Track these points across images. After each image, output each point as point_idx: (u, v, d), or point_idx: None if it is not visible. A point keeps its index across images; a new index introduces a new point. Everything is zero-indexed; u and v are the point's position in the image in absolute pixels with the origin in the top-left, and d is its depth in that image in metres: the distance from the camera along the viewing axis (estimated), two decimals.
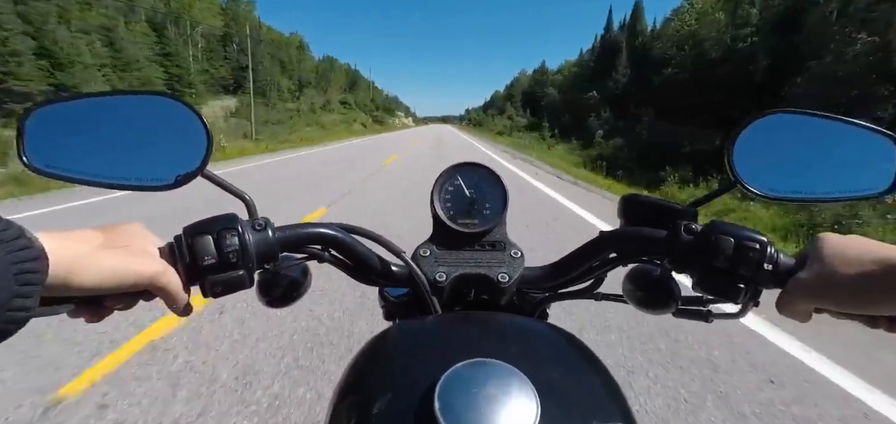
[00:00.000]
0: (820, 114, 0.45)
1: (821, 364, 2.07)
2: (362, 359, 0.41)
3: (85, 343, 2.10)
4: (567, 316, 2.40)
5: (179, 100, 0.44)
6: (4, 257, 0.25)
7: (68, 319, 0.36)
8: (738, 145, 0.45)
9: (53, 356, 1.99)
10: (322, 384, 1.86)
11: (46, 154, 0.40)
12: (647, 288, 0.51)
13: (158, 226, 0.37)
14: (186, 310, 0.40)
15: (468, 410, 0.29)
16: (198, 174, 0.45)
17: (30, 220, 4.19)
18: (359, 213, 5.30)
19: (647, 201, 0.52)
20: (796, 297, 0.38)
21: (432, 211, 0.56)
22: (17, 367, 1.90)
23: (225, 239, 0.40)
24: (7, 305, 0.25)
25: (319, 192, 6.89)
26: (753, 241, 0.40)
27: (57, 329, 2.14)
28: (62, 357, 1.99)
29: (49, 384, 1.81)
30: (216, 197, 0.62)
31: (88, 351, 2.05)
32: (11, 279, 0.25)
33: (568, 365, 0.39)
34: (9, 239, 0.26)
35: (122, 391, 1.79)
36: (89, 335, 2.12)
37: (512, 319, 0.49)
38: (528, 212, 5.53)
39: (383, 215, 5.17)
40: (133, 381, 1.85)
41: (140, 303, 0.38)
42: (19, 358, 1.95)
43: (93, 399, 1.73)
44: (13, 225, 0.27)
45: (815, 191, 0.46)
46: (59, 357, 1.99)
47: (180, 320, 2.26)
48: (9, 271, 0.25)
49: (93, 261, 0.32)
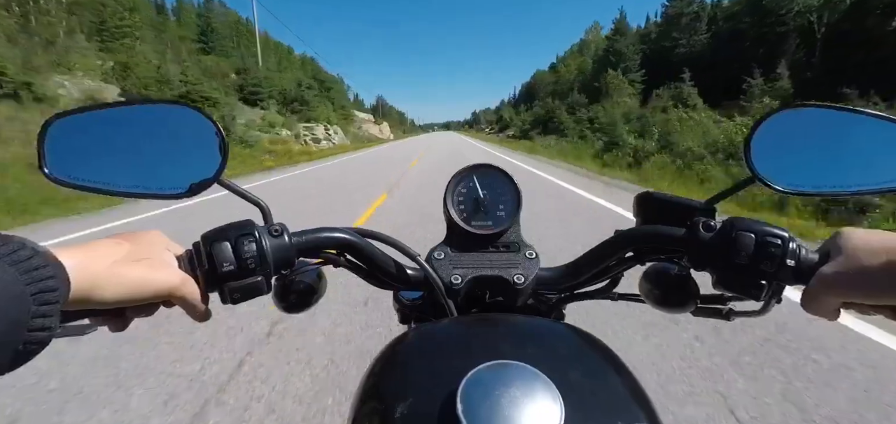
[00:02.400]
0: (838, 106, 0.45)
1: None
2: (381, 364, 0.41)
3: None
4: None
5: (195, 108, 0.44)
6: (20, 278, 0.25)
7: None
8: (755, 140, 0.45)
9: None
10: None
11: (66, 164, 0.41)
12: (665, 287, 0.50)
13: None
14: (205, 316, 0.40)
15: (492, 413, 0.29)
16: (213, 182, 0.45)
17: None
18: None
19: (664, 198, 0.51)
20: (823, 292, 0.37)
21: (445, 213, 0.55)
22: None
23: (243, 245, 0.40)
24: (27, 326, 0.25)
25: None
26: (775, 237, 0.39)
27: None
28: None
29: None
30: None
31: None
32: (30, 300, 0.25)
33: (590, 366, 0.38)
34: (23, 259, 0.26)
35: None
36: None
37: (530, 320, 0.48)
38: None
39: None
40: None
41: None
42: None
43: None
44: (28, 245, 0.27)
45: (835, 184, 0.46)
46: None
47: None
48: (26, 292, 0.25)
49: (114, 276, 0.33)
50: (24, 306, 0.25)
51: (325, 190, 8.54)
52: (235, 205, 0.48)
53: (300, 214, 5.94)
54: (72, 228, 5.41)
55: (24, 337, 0.25)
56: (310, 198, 7.60)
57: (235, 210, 0.48)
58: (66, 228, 5.40)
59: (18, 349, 0.25)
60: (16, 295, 0.25)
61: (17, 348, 0.25)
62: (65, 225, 5.60)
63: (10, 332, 0.24)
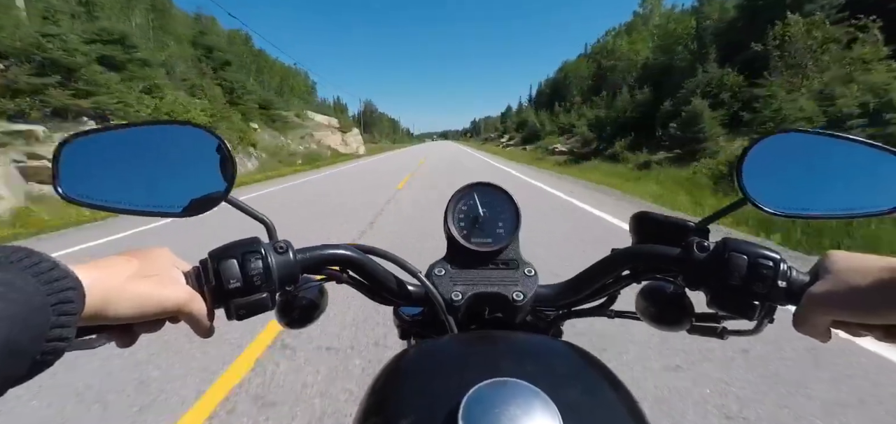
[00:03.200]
0: (827, 133, 0.47)
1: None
2: (383, 381, 0.42)
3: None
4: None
5: (204, 128, 0.46)
6: (41, 288, 0.26)
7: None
8: (747, 163, 0.46)
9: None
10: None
11: (80, 183, 0.42)
12: (660, 305, 0.51)
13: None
14: (209, 333, 0.41)
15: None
16: (222, 200, 0.46)
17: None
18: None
19: (659, 218, 0.52)
20: (813, 311, 0.38)
21: (446, 230, 0.57)
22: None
23: (249, 262, 0.41)
24: (46, 336, 0.26)
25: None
26: (767, 259, 0.41)
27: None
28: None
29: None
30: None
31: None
32: (50, 310, 0.26)
33: (588, 384, 0.39)
34: (45, 270, 0.27)
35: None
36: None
37: (530, 338, 0.49)
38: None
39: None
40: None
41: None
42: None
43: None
44: (48, 258, 0.28)
45: (822, 208, 0.47)
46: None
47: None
48: (47, 302, 0.26)
49: (126, 292, 0.34)
50: (44, 316, 0.26)
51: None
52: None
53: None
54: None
55: (43, 347, 0.26)
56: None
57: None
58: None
59: (36, 358, 0.26)
60: (37, 305, 0.26)
61: (36, 357, 0.26)
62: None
63: (31, 341, 0.25)
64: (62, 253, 4.88)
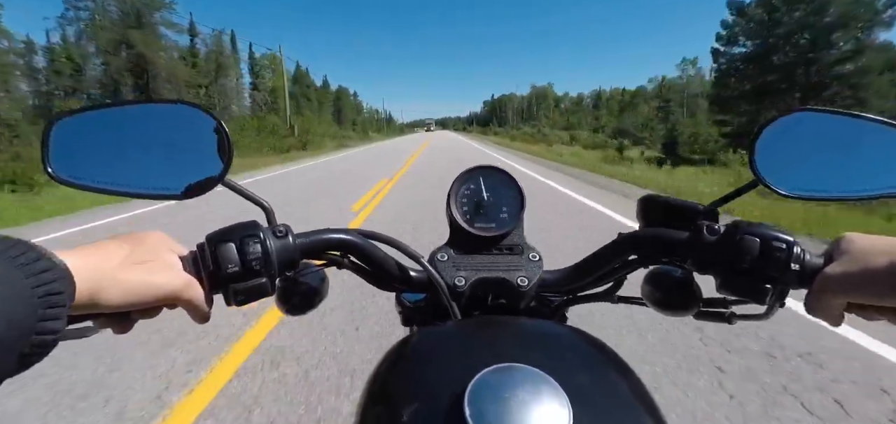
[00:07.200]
0: (843, 112, 0.45)
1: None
2: (386, 368, 0.41)
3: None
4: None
5: (201, 107, 0.44)
6: (26, 281, 0.25)
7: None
8: (760, 143, 0.45)
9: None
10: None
11: (70, 164, 0.41)
12: (667, 290, 0.50)
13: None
14: (206, 318, 0.40)
15: (500, 416, 0.29)
16: (218, 182, 0.45)
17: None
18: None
19: (667, 201, 0.51)
20: (826, 294, 0.37)
21: (448, 215, 0.55)
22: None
23: (248, 246, 0.40)
24: (34, 329, 0.25)
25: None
26: (780, 241, 0.40)
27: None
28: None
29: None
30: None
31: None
32: (37, 302, 0.25)
33: (595, 369, 0.38)
34: (30, 261, 0.26)
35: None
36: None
37: (535, 323, 0.49)
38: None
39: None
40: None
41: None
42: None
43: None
44: (35, 247, 0.27)
45: (837, 189, 0.46)
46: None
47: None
48: (33, 294, 0.25)
49: (119, 279, 0.33)
50: (31, 309, 0.25)
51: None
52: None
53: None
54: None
55: (31, 340, 0.25)
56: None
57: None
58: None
59: (25, 351, 0.25)
60: (24, 298, 0.24)
61: (24, 351, 0.25)
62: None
63: (18, 335, 0.24)
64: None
